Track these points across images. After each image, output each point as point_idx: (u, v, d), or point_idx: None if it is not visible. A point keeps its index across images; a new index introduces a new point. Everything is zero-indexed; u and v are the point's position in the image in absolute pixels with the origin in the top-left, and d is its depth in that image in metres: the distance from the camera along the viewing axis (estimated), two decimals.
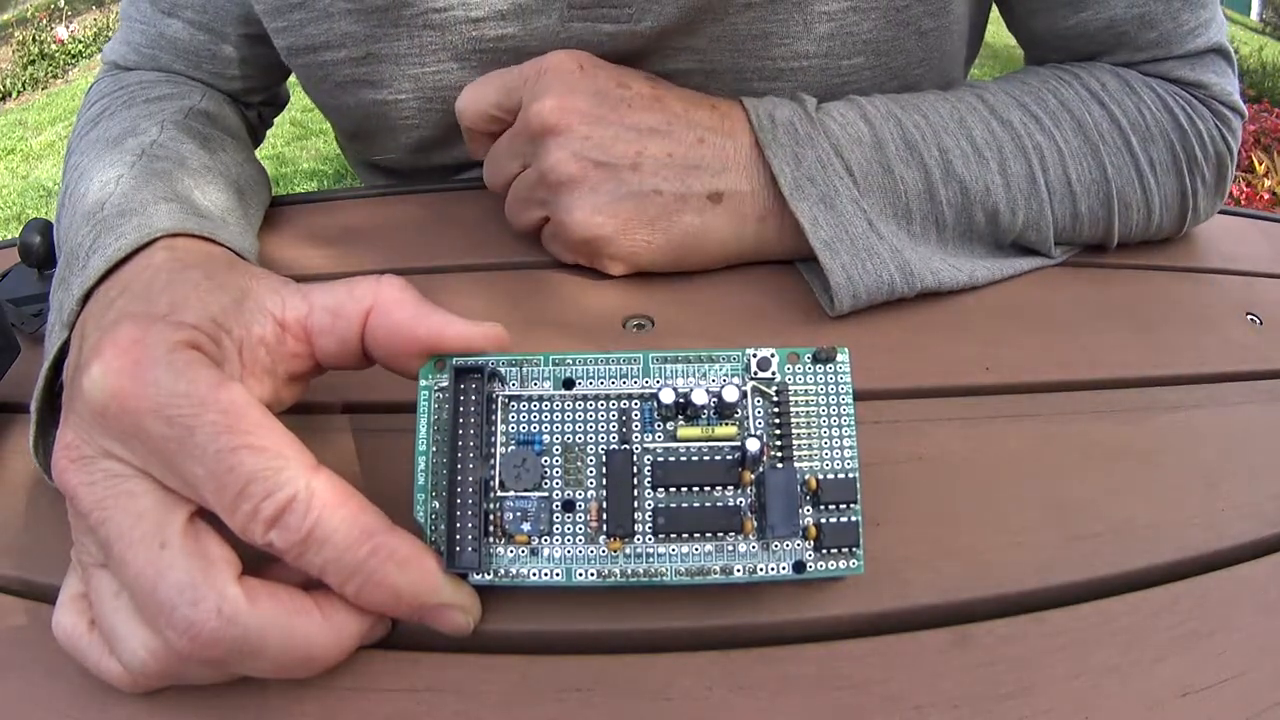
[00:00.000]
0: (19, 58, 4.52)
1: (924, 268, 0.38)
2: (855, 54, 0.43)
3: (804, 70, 0.43)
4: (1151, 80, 0.43)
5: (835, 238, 0.37)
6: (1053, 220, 0.41)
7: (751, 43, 0.42)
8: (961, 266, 0.39)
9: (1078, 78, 0.43)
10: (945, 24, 0.44)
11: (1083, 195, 0.41)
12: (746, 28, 0.42)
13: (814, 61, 0.43)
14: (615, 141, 0.37)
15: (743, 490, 0.26)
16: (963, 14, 0.45)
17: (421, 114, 0.46)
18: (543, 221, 0.40)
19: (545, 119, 0.37)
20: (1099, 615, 0.27)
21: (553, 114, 0.37)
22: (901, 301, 0.38)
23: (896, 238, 0.38)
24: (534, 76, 0.38)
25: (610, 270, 0.39)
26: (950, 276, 0.38)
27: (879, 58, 0.43)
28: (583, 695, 0.25)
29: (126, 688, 0.25)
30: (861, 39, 0.42)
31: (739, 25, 0.42)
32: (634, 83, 0.39)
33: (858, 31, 0.42)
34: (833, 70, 0.43)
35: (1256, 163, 2.58)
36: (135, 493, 0.24)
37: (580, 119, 0.37)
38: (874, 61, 0.44)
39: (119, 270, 0.31)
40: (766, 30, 0.42)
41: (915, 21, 0.43)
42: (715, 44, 0.42)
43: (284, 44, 0.45)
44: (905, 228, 0.39)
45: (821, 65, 0.43)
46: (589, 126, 0.37)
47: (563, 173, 0.37)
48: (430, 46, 0.43)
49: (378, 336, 0.27)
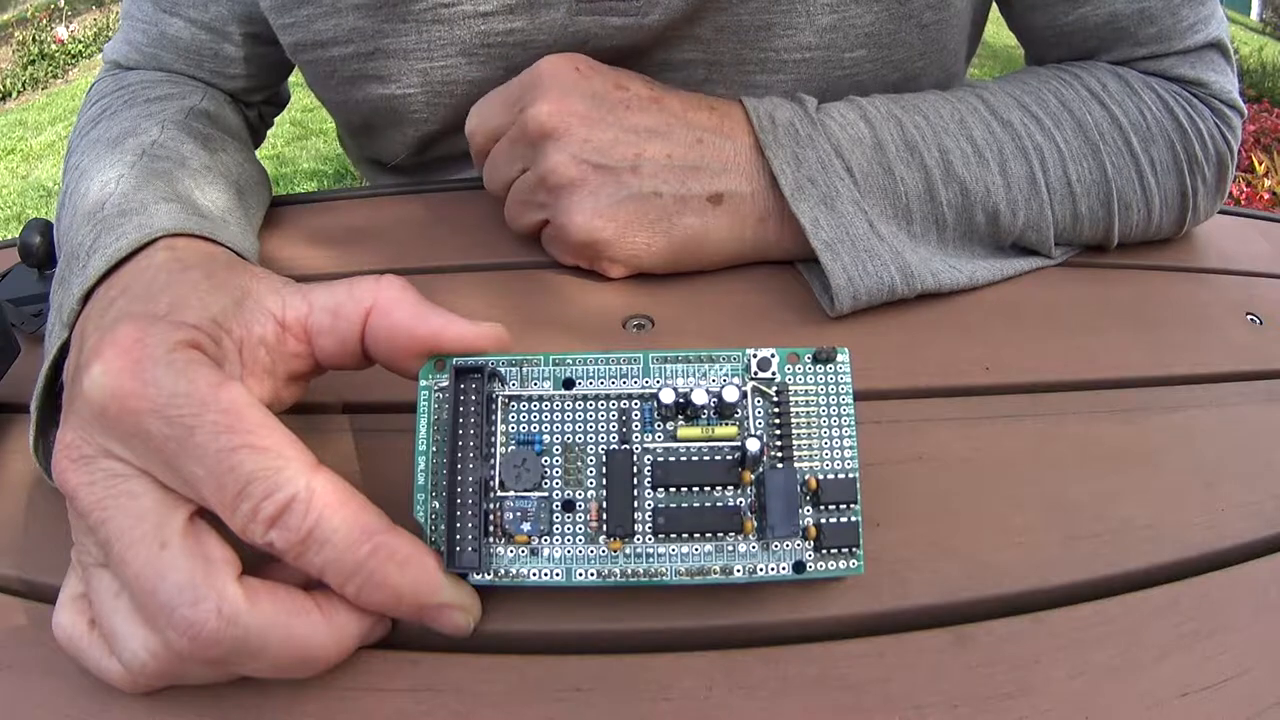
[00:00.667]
0: (19, 58, 4.52)
1: (924, 269, 0.38)
2: (857, 46, 0.43)
3: (806, 62, 0.43)
4: (1152, 80, 0.43)
5: (836, 239, 0.37)
6: (1053, 221, 0.41)
7: (754, 34, 0.42)
8: (961, 267, 0.39)
9: (1078, 78, 0.43)
10: (946, 17, 0.44)
11: (1083, 196, 0.41)
12: (750, 18, 0.42)
13: (816, 53, 0.43)
14: (614, 144, 0.37)
15: (743, 490, 0.26)
16: (964, 8, 0.45)
17: (429, 108, 0.46)
18: (542, 224, 0.40)
19: (543, 123, 0.37)
20: (1099, 615, 0.27)
21: (550, 118, 0.37)
22: (902, 302, 0.38)
23: (897, 239, 0.38)
24: (531, 82, 0.38)
25: (610, 272, 0.39)
26: (950, 278, 0.38)
27: (880, 50, 0.44)
28: (583, 695, 0.25)
29: (126, 688, 0.25)
30: (863, 31, 0.42)
31: (742, 16, 0.42)
32: (632, 85, 0.39)
33: (859, 24, 0.42)
34: (835, 62, 0.43)
35: (1256, 163, 2.58)
36: (135, 492, 0.24)
37: (579, 122, 0.37)
38: (876, 54, 0.44)
39: (119, 270, 0.31)
40: (770, 21, 0.42)
41: (917, 14, 0.43)
42: (719, 34, 0.43)
43: (291, 40, 0.45)
44: (906, 229, 0.39)
45: (824, 57, 0.43)
46: (588, 129, 0.37)
47: (562, 176, 0.37)
48: (438, 41, 0.43)
49: (378, 336, 0.27)
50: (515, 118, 0.39)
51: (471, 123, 0.41)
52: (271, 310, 0.27)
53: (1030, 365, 0.36)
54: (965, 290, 0.40)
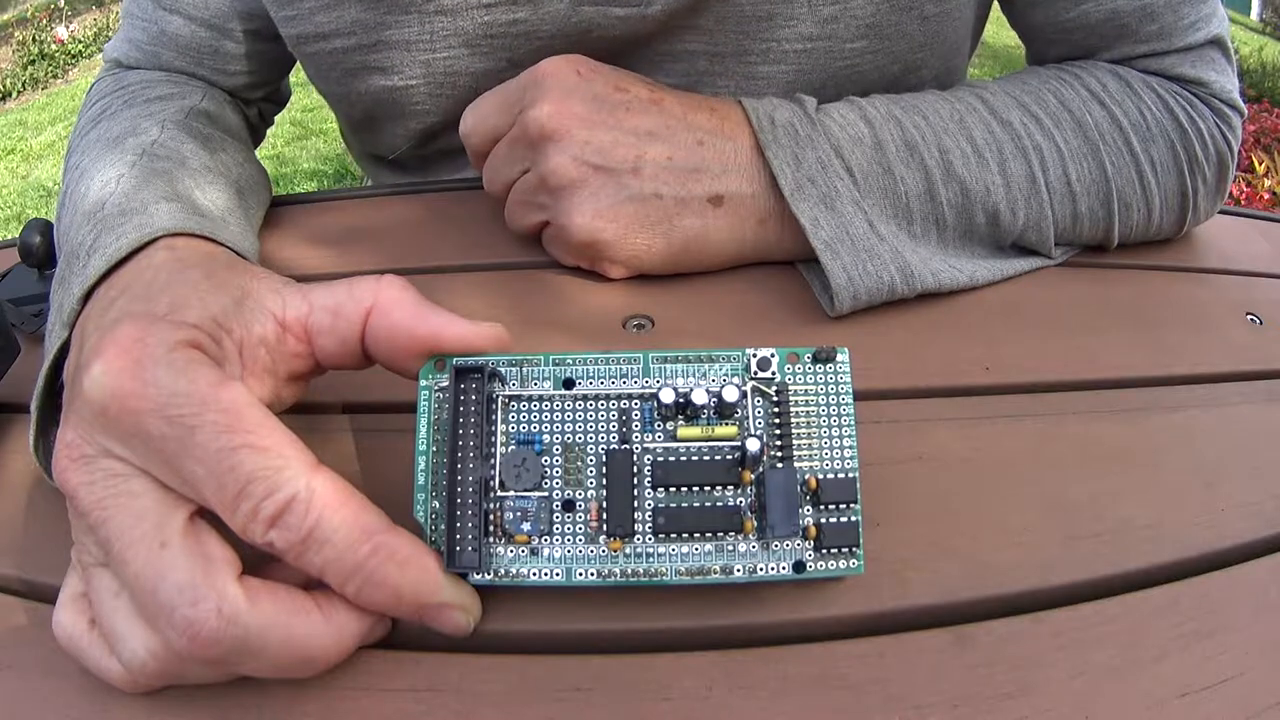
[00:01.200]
0: (19, 58, 4.52)
1: (924, 269, 0.38)
2: (858, 37, 0.43)
3: (807, 53, 0.43)
4: (1152, 79, 0.43)
5: (836, 238, 0.37)
6: (1053, 220, 0.41)
7: (756, 24, 0.42)
8: (962, 267, 0.39)
9: (1078, 78, 0.43)
10: (948, 9, 0.44)
11: (1083, 195, 0.41)
12: (752, 9, 0.42)
13: (817, 44, 0.43)
14: (615, 146, 0.37)
15: (743, 490, 0.26)
16: (966, 1, 0.45)
17: (432, 99, 0.46)
18: (543, 225, 0.40)
19: (544, 124, 0.37)
20: (1099, 615, 0.27)
21: (551, 119, 0.37)
22: (901, 302, 0.38)
23: (897, 239, 0.38)
24: (531, 83, 0.38)
25: (611, 273, 0.39)
26: (950, 277, 0.38)
27: (881, 41, 0.44)
28: (583, 695, 0.25)
29: (126, 687, 0.25)
30: (864, 22, 0.43)
31: (744, 6, 0.42)
32: (632, 86, 0.39)
33: (861, 14, 0.42)
34: (836, 53, 0.43)
35: (1256, 163, 2.58)
36: (135, 492, 0.24)
37: (579, 123, 0.37)
38: (876, 45, 0.44)
39: (119, 269, 0.31)
40: (771, 11, 0.42)
41: (918, 6, 0.43)
42: (721, 25, 0.43)
43: (293, 33, 0.45)
44: (906, 229, 0.39)
45: (825, 48, 0.43)
46: (588, 131, 0.37)
47: (563, 177, 0.37)
48: (441, 32, 0.43)
49: (378, 336, 0.27)
50: (515, 119, 0.38)
51: (468, 123, 0.41)
52: (272, 310, 0.27)
53: (1030, 365, 0.36)
54: (965, 290, 0.40)
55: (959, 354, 0.36)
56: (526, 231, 0.41)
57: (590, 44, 0.43)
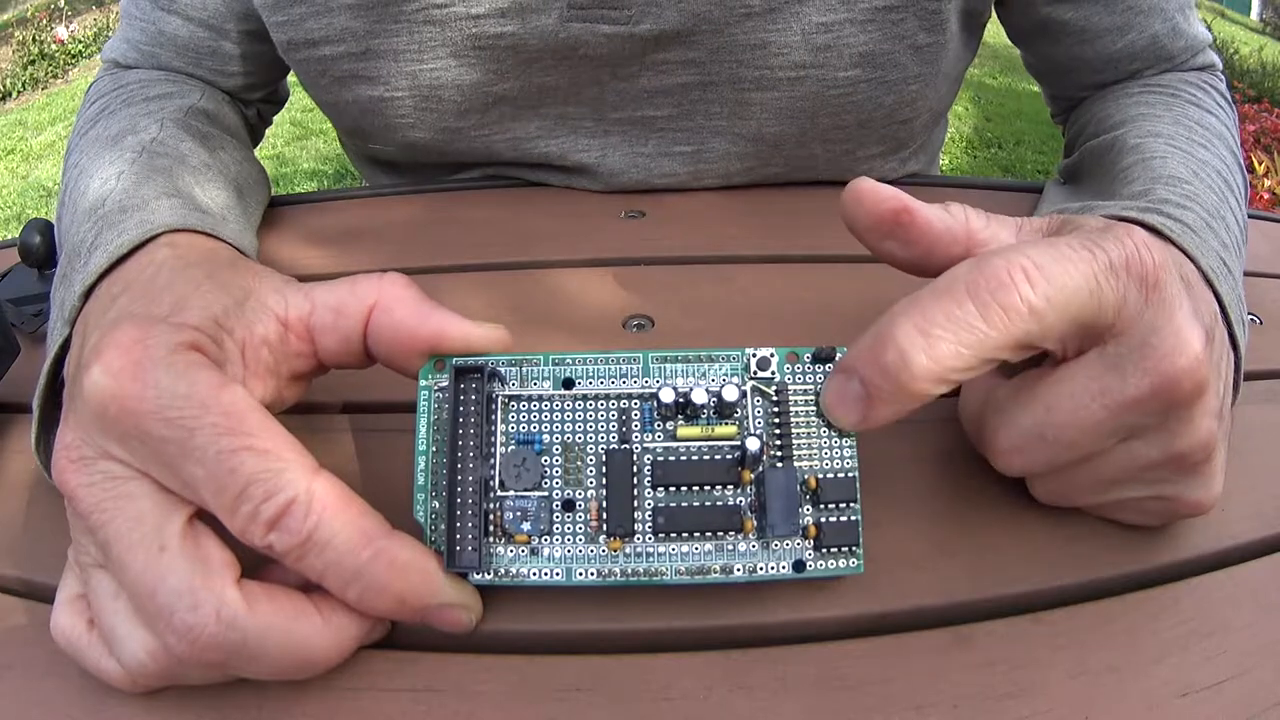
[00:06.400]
0: (19, 58, 4.52)
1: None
2: (851, 66, 0.43)
3: (800, 80, 0.43)
4: (1189, 76, 0.48)
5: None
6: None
7: (749, 53, 0.42)
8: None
9: (1198, 105, 0.45)
10: (941, 40, 0.44)
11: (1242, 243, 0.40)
12: (745, 37, 0.42)
13: (810, 72, 0.43)
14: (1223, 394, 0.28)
15: (743, 490, 0.26)
16: (956, 32, 0.46)
17: (416, 113, 0.46)
18: (1132, 502, 0.28)
19: (1199, 376, 0.25)
20: (1099, 615, 0.27)
21: (1204, 367, 0.25)
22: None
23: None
24: (1179, 399, 0.25)
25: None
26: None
27: (875, 70, 0.44)
28: (583, 695, 0.25)
29: (126, 688, 0.25)
30: (857, 51, 0.43)
31: (737, 35, 0.42)
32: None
33: (853, 44, 0.42)
34: (829, 81, 0.44)
35: (1256, 163, 2.59)
36: (135, 494, 0.24)
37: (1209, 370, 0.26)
38: (870, 74, 0.44)
39: (121, 266, 0.31)
40: (765, 40, 0.42)
41: (910, 36, 0.43)
42: (714, 55, 0.43)
43: (283, 38, 0.45)
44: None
45: (818, 76, 0.43)
46: (1215, 379, 0.27)
47: (1210, 447, 0.26)
48: (429, 43, 0.43)
49: (380, 334, 0.27)
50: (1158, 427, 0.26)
51: (1069, 434, 0.26)
52: (274, 309, 0.27)
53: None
54: None
55: None
56: (1097, 511, 0.29)
57: (577, 62, 0.43)
